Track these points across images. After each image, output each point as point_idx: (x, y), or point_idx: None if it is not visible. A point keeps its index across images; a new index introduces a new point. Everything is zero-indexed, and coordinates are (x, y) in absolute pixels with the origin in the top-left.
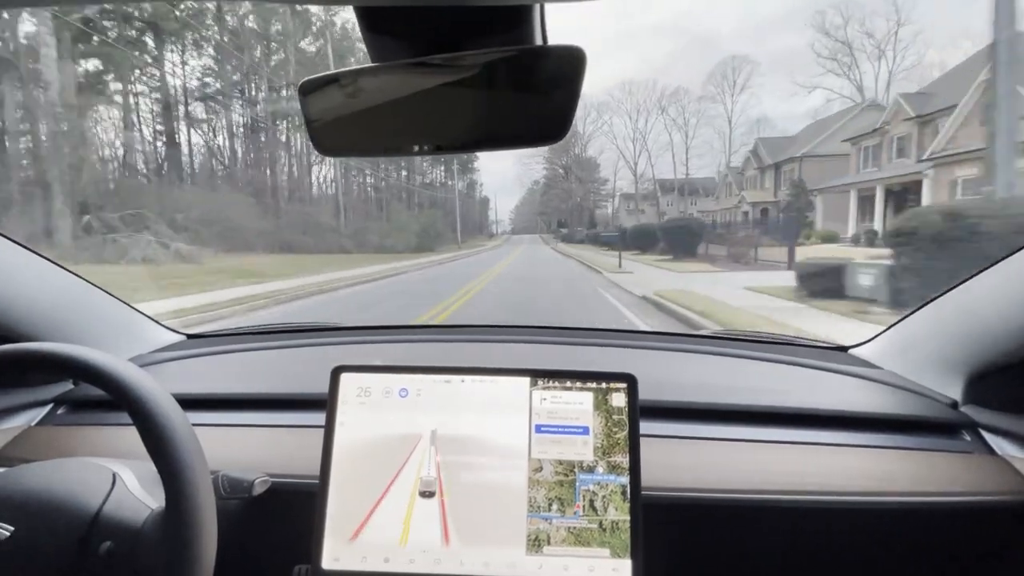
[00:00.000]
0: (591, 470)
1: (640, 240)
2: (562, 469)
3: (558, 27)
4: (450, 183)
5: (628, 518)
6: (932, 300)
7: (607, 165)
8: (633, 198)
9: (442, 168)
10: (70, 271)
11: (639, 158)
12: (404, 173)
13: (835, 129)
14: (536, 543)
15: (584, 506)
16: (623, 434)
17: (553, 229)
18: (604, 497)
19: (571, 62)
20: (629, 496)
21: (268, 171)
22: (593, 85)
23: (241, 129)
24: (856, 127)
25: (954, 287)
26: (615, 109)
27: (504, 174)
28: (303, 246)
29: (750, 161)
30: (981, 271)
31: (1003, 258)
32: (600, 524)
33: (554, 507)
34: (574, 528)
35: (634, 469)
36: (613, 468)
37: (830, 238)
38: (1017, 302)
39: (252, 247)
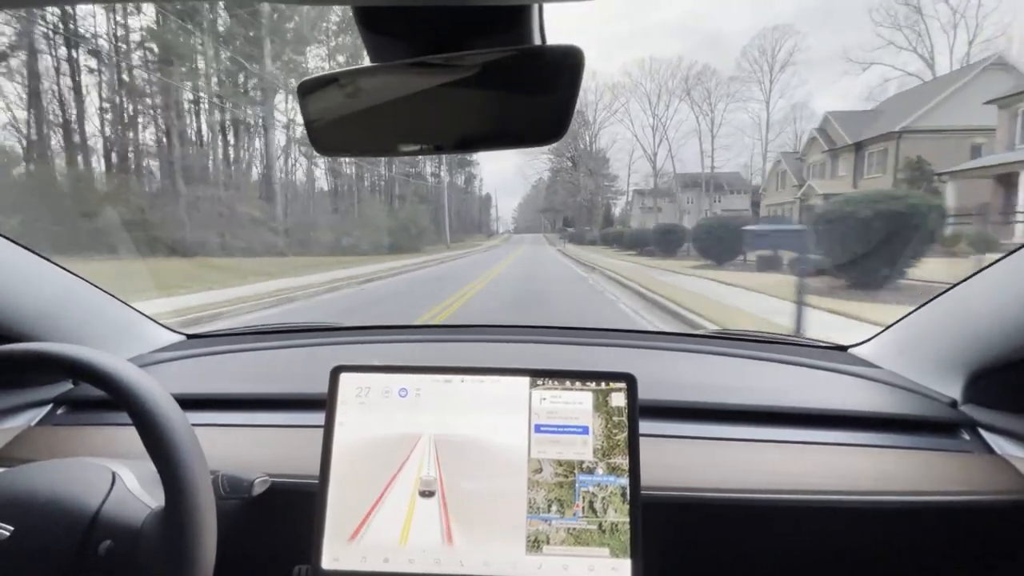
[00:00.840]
0: (591, 471)
1: (735, 244)
2: (562, 471)
3: (560, 28)
4: (442, 175)
5: (628, 520)
6: (932, 299)
7: (619, 157)
8: (650, 194)
9: (436, 160)
10: (70, 271)
11: (659, 148)
12: (394, 164)
13: (948, 95)
14: (536, 544)
15: (584, 507)
16: (623, 436)
17: (558, 228)
18: (604, 499)
19: (570, 62)
20: (629, 498)
21: (163, 139)
22: (609, 63)
23: (105, 73)
24: (995, 89)
25: (953, 286)
26: (632, 91)
27: (505, 173)
28: (209, 247)
29: (815, 143)
30: (980, 271)
31: (1002, 257)
32: (599, 526)
33: (554, 508)
34: (573, 529)
35: (634, 471)
36: (613, 470)
37: (988, 243)
38: (1016, 301)
39: (109, 249)
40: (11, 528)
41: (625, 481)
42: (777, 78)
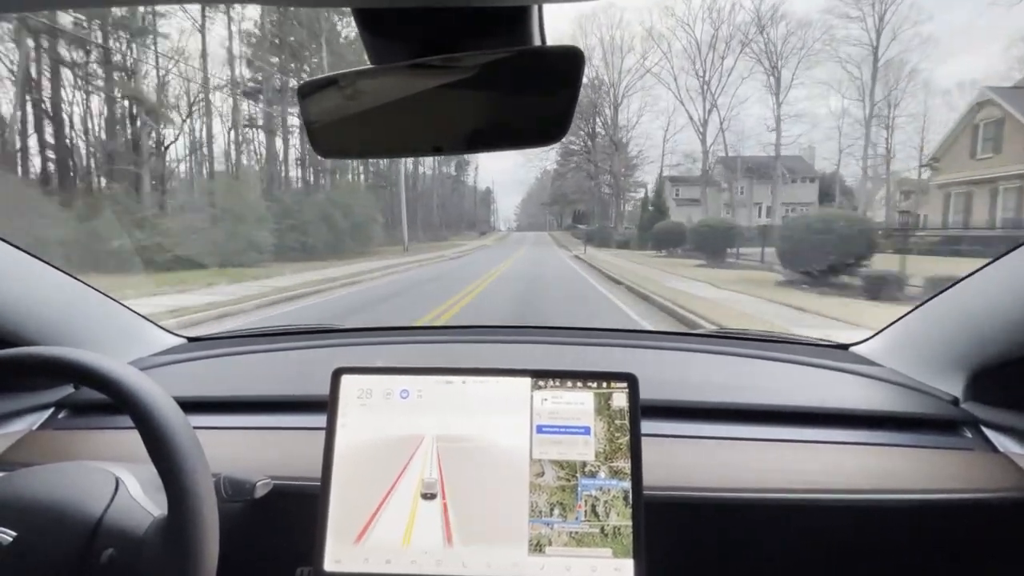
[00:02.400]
0: (593, 475)
1: None
2: (564, 474)
3: (560, 27)
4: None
5: (630, 523)
6: (933, 297)
7: (648, 133)
8: (693, 181)
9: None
10: (70, 275)
11: (708, 117)
12: None
13: None
14: (538, 546)
15: (586, 511)
16: (625, 439)
17: (568, 225)
18: (606, 502)
19: (569, 62)
20: (631, 501)
21: None
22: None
23: None
24: None
25: (955, 284)
26: (673, 35)
27: (506, 172)
28: None
29: None
30: (981, 267)
31: (1003, 254)
32: (602, 529)
33: (556, 512)
34: (576, 533)
35: (636, 472)
36: (615, 473)
37: None
38: (1017, 298)
39: None
40: (13, 534)
41: (627, 484)
42: (892, 9)
